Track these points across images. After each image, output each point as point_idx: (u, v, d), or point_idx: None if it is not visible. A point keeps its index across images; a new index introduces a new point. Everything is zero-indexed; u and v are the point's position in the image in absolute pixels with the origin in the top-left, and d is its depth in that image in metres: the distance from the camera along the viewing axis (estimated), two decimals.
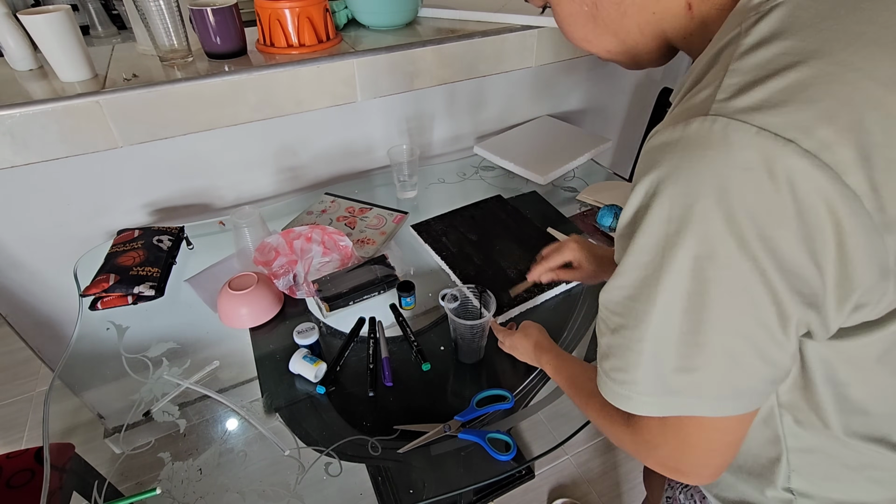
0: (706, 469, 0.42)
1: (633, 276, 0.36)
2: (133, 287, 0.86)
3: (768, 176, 0.29)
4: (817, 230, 0.29)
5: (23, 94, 0.77)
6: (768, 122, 0.29)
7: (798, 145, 0.28)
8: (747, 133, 0.29)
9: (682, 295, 0.33)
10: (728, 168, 0.29)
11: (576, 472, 1.44)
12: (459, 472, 0.67)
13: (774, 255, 0.30)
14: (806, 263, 0.30)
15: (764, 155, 0.29)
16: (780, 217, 0.29)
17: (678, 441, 0.40)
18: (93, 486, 0.64)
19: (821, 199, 0.29)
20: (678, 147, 0.31)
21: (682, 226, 0.32)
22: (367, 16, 1.01)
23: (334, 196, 1.15)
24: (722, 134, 0.29)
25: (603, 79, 1.48)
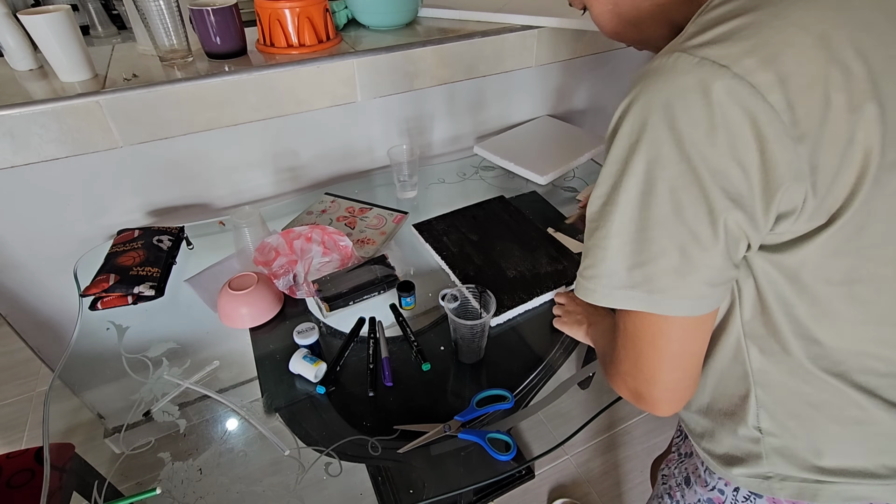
0: (657, 387, 0.46)
1: (606, 184, 0.43)
2: (133, 287, 0.86)
3: (702, 94, 0.36)
4: (741, 138, 0.36)
5: (23, 94, 0.77)
6: (708, 53, 0.37)
7: (730, 69, 0.36)
8: (691, 61, 0.37)
9: (636, 194, 0.40)
10: (672, 87, 0.37)
11: (576, 472, 1.44)
12: (459, 472, 0.67)
13: (705, 158, 0.37)
14: (731, 165, 0.37)
15: (701, 77, 0.36)
16: (710, 127, 0.36)
17: (634, 350, 0.46)
18: (93, 486, 0.64)
19: (745, 112, 0.36)
20: (644, 76, 0.40)
21: (640, 136, 0.39)
22: (367, 16, 1.01)
23: (334, 196, 1.15)
24: (674, 63, 0.38)
25: (603, 79, 1.48)
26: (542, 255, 0.95)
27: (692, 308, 0.42)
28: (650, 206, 0.40)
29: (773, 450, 0.50)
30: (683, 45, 0.38)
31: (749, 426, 0.51)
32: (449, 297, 0.77)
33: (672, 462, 0.70)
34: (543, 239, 1.00)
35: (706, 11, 0.40)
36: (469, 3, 1.09)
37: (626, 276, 0.42)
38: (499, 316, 0.83)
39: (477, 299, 0.77)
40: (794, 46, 0.36)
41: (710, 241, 0.39)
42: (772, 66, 0.36)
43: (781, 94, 0.36)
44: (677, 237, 0.39)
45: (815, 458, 0.48)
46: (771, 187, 0.37)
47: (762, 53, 0.36)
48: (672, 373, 0.46)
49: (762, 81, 0.35)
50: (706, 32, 0.38)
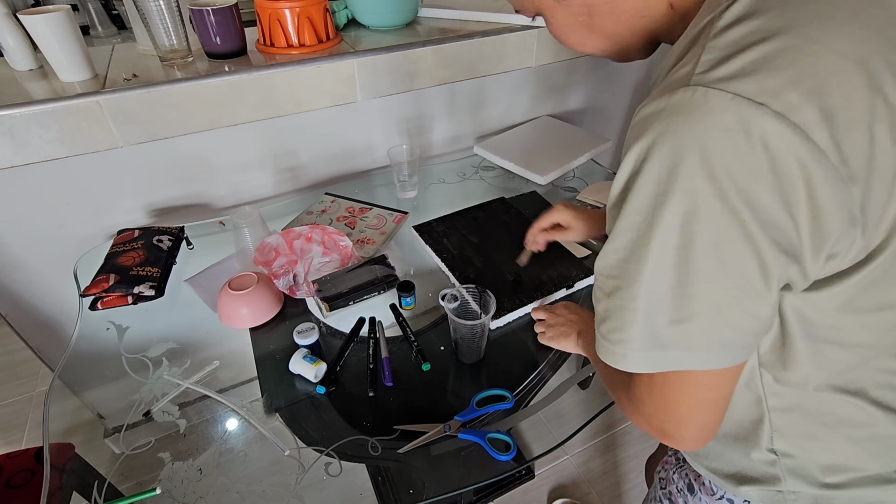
0: (688, 429, 0.44)
1: (626, 237, 0.38)
2: (133, 287, 0.86)
3: (744, 136, 0.32)
4: (789, 183, 0.32)
5: (23, 94, 0.77)
6: (742, 88, 0.32)
7: (769, 107, 0.31)
8: (724, 98, 0.32)
9: (671, 250, 0.36)
10: (708, 130, 0.33)
11: (576, 473, 1.44)
12: (459, 472, 0.67)
13: (752, 208, 0.33)
14: (781, 215, 0.33)
15: (739, 117, 0.32)
16: (756, 172, 0.32)
17: (662, 397, 0.43)
18: (93, 486, 0.64)
19: (791, 154, 0.32)
20: (664, 115, 0.34)
21: (669, 185, 0.34)
22: (367, 16, 1.01)
23: (334, 196, 1.15)
24: (702, 100, 0.33)
25: (603, 79, 1.48)
26: (544, 259, 0.95)
27: (734, 359, 0.39)
28: (690, 262, 0.35)
29: (789, 470, 0.49)
30: (705, 76, 0.34)
31: (763, 450, 0.49)
32: (449, 297, 0.77)
33: (669, 465, 0.70)
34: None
35: (718, 33, 0.35)
36: (469, 3, 1.09)
37: (660, 336, 0.39)
38: (499, 319, 0.83)
39: (477, 300, 0.77)
40: (836, 75, 0.32)
41: (764, 293, 0.36)
42: (815, 101, 0.32)
43: (827, 132, 0.32)
44: (723, 294, 0.36)
45: (832, 476, 0.48)
46: (823, 236, 0.34)
47: (804, 86, 0.32)
48: (705, 416, 0.43)
49: (807, 119, 0.31)
50: (730, 61, 0.33)
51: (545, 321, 0.80)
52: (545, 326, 0.79)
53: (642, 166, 0.36)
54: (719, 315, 0.37)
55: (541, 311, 0.82)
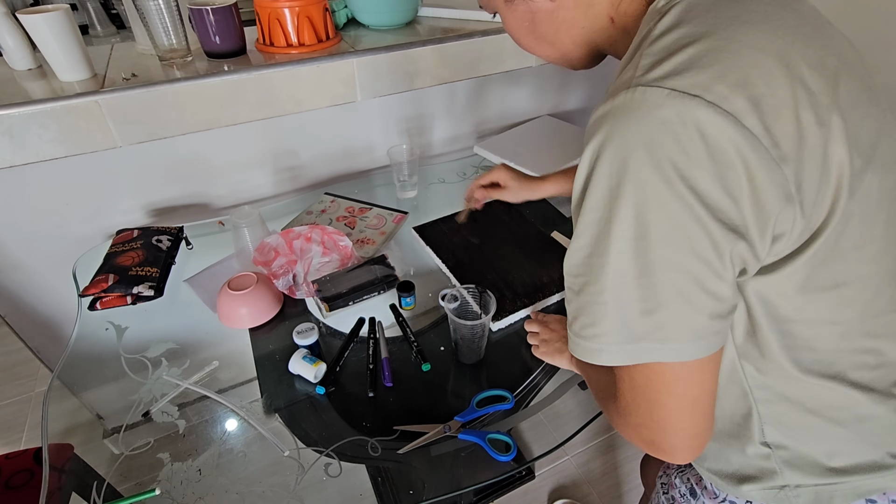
0: (676, 436, 0.43)
1: (587, 234, 0.40)
2: (132, 287, 0.86)
3: (682, 126, 0.35)
4: (728, 167, 0.35)
5: (22, 94, 0.77)
6: (676, 84, 0.35)
7: (702, 98, 0.35)
8: (661, 94, 0.35)
9: (629, 241, 0.38)
10: (649, 124, 0.35)
11: (576, 473, 1.44)
12: (459, 472, 0.67)
13: (696, 193, 0.35)
14: (722, 197, 0.35)
15: (676, 110, 0.35)
16: (696, 159, 0.35)
17: (646, 401, 0.43)
18: (92, 487, 0.64)
19: (727, 140, 0.35)
20: (610, 116, 0.37)
21: (621, 178, 0.37)
22: (367, 15, 1.01)
23: (334, 196, 1.15)
24: (642, 99, 0.36)
25: (603, 79, 1.48)
26: (545, 260, 0.94)
27: (708, 347, 0.40)
28: (648, 251, 0.37)
29: (784, 462, 0.49)
30: (643, 78, 0.37)
31: (756, 443, 0.50)
32: (449, 298, 0.77)
33: (671, 470, 0.69)
34: (546, 242, 0.99)
35: (652, 41, 0.39)
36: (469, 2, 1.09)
37: (633, 328, 0.40)
38: (500, 320, 0.83)
39: (477, 300, 0.77)
40: (757, 68, 0.36)
41: (720, 271, 0.38)
42: (742, 91, 0.35)
43: (757, 118, 0.35)
44: (685, 275, 0.37)
45: (827, 461, 0.48)
46: (764, 214, 0.36)
47: (730, 79, 0.35)
48: (692, 418, 0.43)
49: (737, 107, 0.35)
50: (663, 63, 0.37)
51: (539, 335, 0.78)
52: (538, 340, 0.78)
53: (596, 165, 0.38)
54: (684, 300, 0.38)
55: (535, 324, 0.80)
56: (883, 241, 0.42)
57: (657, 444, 0.45)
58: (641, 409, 0.44)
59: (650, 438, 0.45)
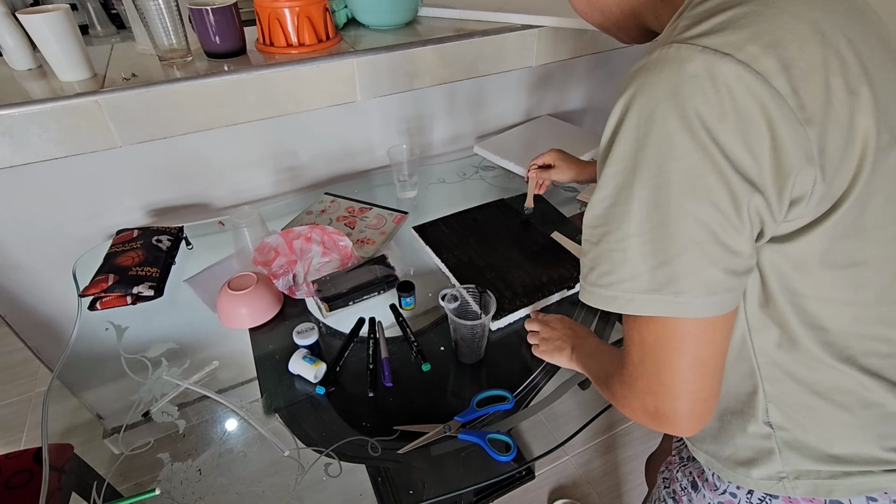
0: (682, 401, 0.43)
1: (612, 184, 0.41)
2: (132, 287, 0.86)
3: (710, 81, 0.36)
4: (751, 124, 0.36)
5: (22, 94, 0.77)
6: (709, 42, 0.37)
7: (733, 57, 0.36)
8: (693, 50, 0.37)
9: (651, 190, 0.39)
10: (679, 77, 0.37)
11: (576, 473, 1.44)
12: (459, 472, 0.67)
13: (718, 145, 0.36)
14: (743, 152, 0.37)
15: (706, 65, 0.36)
16: (721, 113, 0.36)
17: (654, 361, 0.43)
18: (92, 487, 0.64)
19: (753, 98, 0.36)
20: (644, 70, 0.39)
21: (648, 129, 0.38)
22: (367, 15, 1.01)
23: (334, 196, 1.15)
24: (675, 54, 0.37)
25: (603, 79, 1.48)
26: (545, 260, 0.94)
27: (721, 305, 0.40)
28: (669, 200, 0.38)
29: (784, 444, 0.49)
30: (679, 36, 0.38)
31: (759, 422, 0.50)
32: (449, 298, 0.77)
33: (673, 465, 0.70)
34: (546, 243, 0.99)
35: (693, 6, 0.41)
36: (469, 2, 1.09)
37: (650, 278, 0.40)
38: (499, 320, 0.83)
39: (477, 300, 0.77)
40: (791, 33, 0.37)
41: (737, 224, 0.38)
42: (774, 53, 0.36)
43: (786, 80, 0.36)
44: (702, 226, 0.38)
45: (827, 447, 0.48)
46: (783, 172, 0.37)
47: (763, 41, 0.36)
48: (699, 381, 0.43)
49: (766, 67, 0.36)
50: (701, 24, 0.38)
51: (539, 334, 0.78)
52: (539, 339, 0.77)
53: (625, 116, 0.39)
54: (700, 252, 0.39)
55: (535, 323, 0.80)
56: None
57: (661, 412, 0.45)
58: (649, 371, 0.44)
59: (654, 406, 0.45)
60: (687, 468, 0.65)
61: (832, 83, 0.37)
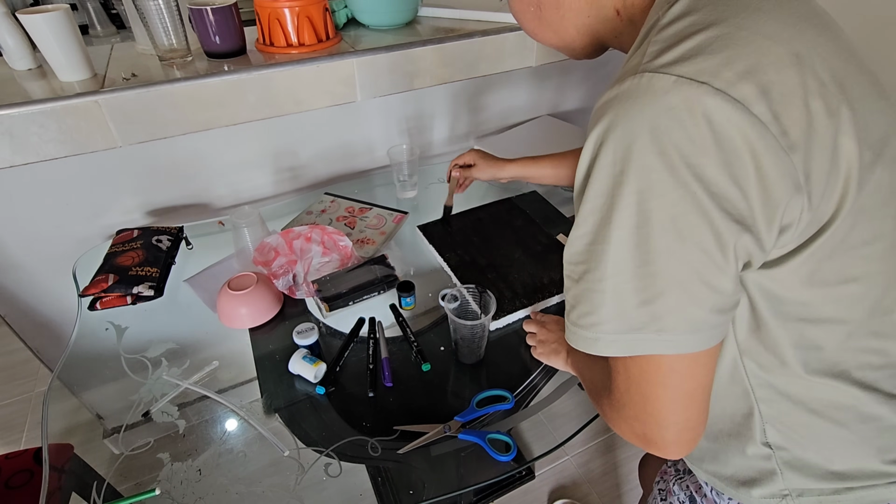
0: (669, 430, 0.43)
1: (590, 221, 0.40)
2: (132, 287, 0.86)
3: (688, 113, 0.34)
4: (734, 155, 0.34)
5: (22, 94, 0.77)
6: (683, 70, 0.35)
7: (710, 86, 0.34)
8: (667, 81, 0.35)
9: (631, 229, 0.37)
10: (655, 110, 0.35)
11: (576, 473, 1.44)
12: (459, 472, 0.67)
13: (701, 181, 0.35)
14: (728, 186, 0.35)
15: (683, 96, 0.34)
16: (702, 146, 0.34)
17: (640, 394, 0.43)
18: (92, 487, 0.64)
19: (734, 128, 0.34)
20: (615, 101, 0.37)
21: (624, 165, 0.36)
22: (367, 15, 1.01)
23: (334, 196, 1.15)
24: (648, 85, 0.36)
25: (603, 79, 1.48)
26: (546, 260, 0.94)
27: (705, 341, 0.40)
28: (649, 239, 0.37)
29: (785, 464, 0.49)
30: (650, 64, 0.36)
31: (758, 443, 0.49)
32: (449, 298, 0.77)
33: (669, 476, 0.69)
34: (550, 244, 0.99)
35: (660, 30, 0.38)
36: (469, 2, 1.09)
37: (632, 318, 0.39)
38: (499, 320, 0.83)
39: (477, 300, 0.77)
40: (767, 56, 0.35)
41: (722, 264, 0.37)
42: (751, 78, 0.34)
43: (766, 106, 0.34)
44: (685, 266, 0.37)
45: (827, 464, 0.47)
46: (772, 204, 0.36)
47: (738, 66, 0.35)
48: (685, 412, 0.43)
49: (745, 94, 0.34)
50: (672, 50, 0.36)
51: (536, 335, 0.78)
52: (536, 341, 0.78)
53: (599, 151, 0.38)
54: (684, 291, 0.38)
55: (532, 325, 0.80)
56: (893, 238, 0.41)
57: (649, 438, 0.44)
58: (635, 401, 0.43)
59: (642, 432, 0.44)
60: (684, 482, 0.65)
61: (812, 106, 0.36)
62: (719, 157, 0.34)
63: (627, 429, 0.46)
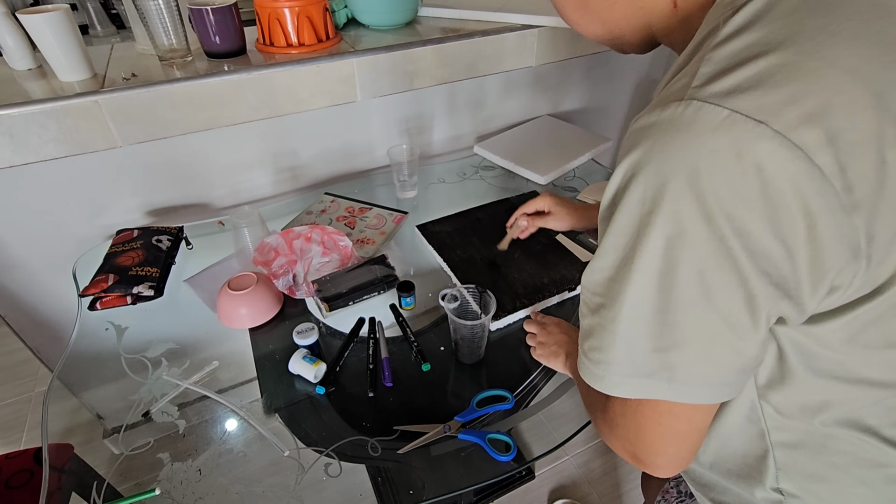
0: (659, 457, 0.42)
1: (611, 257, 0.37)
2: (132, 287, 0.86)
3: (736, 158, 0.30)
4: (784, 211, 0.30)
5: (22, 94, 0.77)
6: (739, 104, 0.30)
7: (768, 126, 0.29)
8: (718, 115, 0.30)
9: (654, 274, 0.34)
10: (698, 149, 0.30)
11: (576, 473, 1.44)
12: (459, 472, 0.67)
13: (741, 236, 0.31)
14: (774, 246, 0.31)
15: (733, 136, 0.30)
16: (747, 197, 0.30)
17: (635, 423, 0.41)
18: (92, 487, 0.64)
19: (788, 179, 0.29)
20: (654, 130, 0.33)
21: (654, 206, 0.33)
22: (367, 15, 1.01)
23: (334, 196, 1.15)
24: (694, 117, 0.31)
25: (603, 79, 1.48)
26: (547, 261, 0.94)
27: (718, 396, 0.37)
28: (672, 289, 0.34)
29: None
30: (701, 90, 0.31)
31: (767, 488, 0.46)
32: (449, 298, 0.77)
33: (671, 497, 0.68)
34: (550, 244, 0.99)
35: (718, 44, 0.33)
36: (469, 2, 1.09)
37: (642, 363, 0.37)
38: (499, 320, 0.83)
39: (477, 300, 0.77)
40: (841, 94, 0.29)
41: (749, 330, 0.34)
42: (818, 121, 0.29)
43: (832, 156, 0.29)
44: (708, 324, 0.34)
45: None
46: (820, 271, 0.31)
47: (805, 105, 0.29)
48: (677, 448, 0.41)
49: (808, 141, 0.29)
50: (728, 75, 0.31)
51: (536, 336, 0.77)
52: (536, 342, 0.77)
53: (629, 183, 0.34)
54: (702, 348, 0.35)
55: (533, 325, 0.79)
56: None
57: (640, 459, 0.43)
58: (629, 426, 0.42)
59: (633, 452, 0.43)
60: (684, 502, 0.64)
61: (889, 157, 0.30)
62: (765, 211, 0.30)
63: (619, 446, 0.45)
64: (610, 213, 0.36)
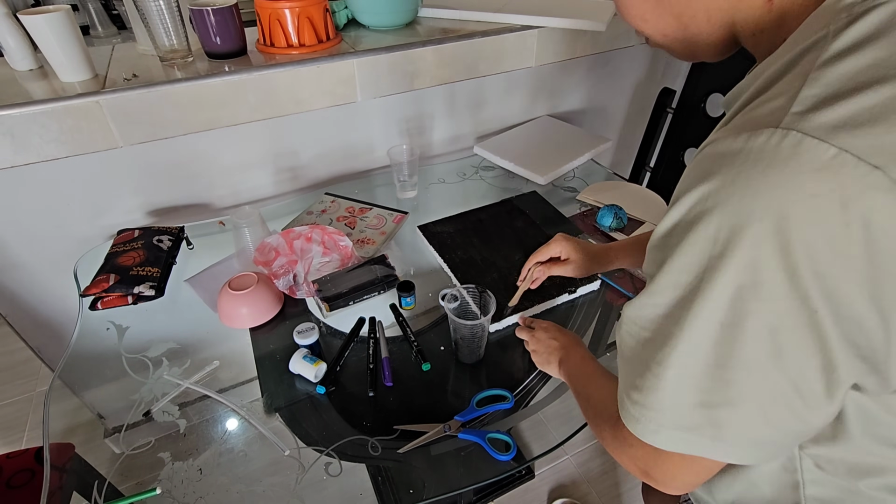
0: (674, 481, 0.39)
1: (667, 295, 0.32)
2: (133, 287, 0.86)
3: (840, 207, 0.25)
4: (890, 277, 0.25)
5: (23, 94, 0.77)
6: (850, 143, 0.24)
7: (885, 174, 0.24)
8: (824, 154, 0.25)
9: (715, 324, 0.30)
10: (794, 192, 0.25)
11: (576, 472, 1.44)
12: (459, 472, 0.67)
13: (830, 299, 0.26)
14: (870, 315, 0.26)
15: (839, 181, 0.24)
16: (846, 256, 0.25)
17: (655, 454, 0.38)
18: (93, 486, 0.64)
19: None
20: (738, 160, 0.27)
21: (728, 249, 0.28)
22: (367, 16, 1.01)
23: (334, 196, 1.15)
24: (792, 151, 0.25)
25: (603, 79, 1.48)
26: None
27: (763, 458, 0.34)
28: (735, 344, 0.30)
29: None
30: (804, 120, 0.26)
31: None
32: (449, 297, 0.77)
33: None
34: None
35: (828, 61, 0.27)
36: (469, 3, 1.09)
37: (685, 416, 0.33)
38: (499, 322, 0.83)
39: (476, 300, 0.77)
40: None
41: (821, 400, 0.30)
42: None
43: None
44: (771, 388, 0.30)
45: None
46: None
47: None
48: (697, 477, 0.38)
49: None
50: (839, 103, 0.25)
51: (529, 343, 0.76)
52: (529, 350, 0.75)
53: (700, 217, 0.29)
54: (759, 411, 0.31)
55: (523, 332, 0.77)
56: None
57: (652, 477, 0.40)
58: (648, 453, 0.39)
59: (645, 470, 0.40)
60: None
61: None
62: (867, 273, 0.25)
63: (629, 462, 0.42)
64: (669, 244, 0.32)
